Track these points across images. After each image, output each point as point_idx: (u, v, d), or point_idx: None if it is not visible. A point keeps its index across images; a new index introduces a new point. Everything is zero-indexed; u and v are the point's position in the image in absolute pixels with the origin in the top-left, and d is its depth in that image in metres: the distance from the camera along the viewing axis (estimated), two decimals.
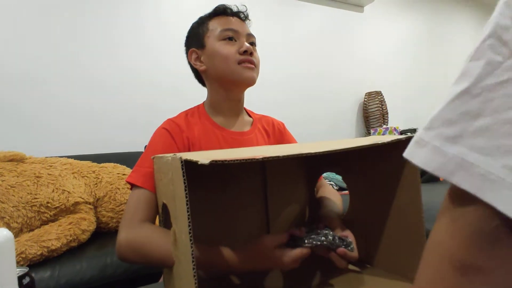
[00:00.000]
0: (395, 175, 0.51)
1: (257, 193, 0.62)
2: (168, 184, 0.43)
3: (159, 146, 0.63)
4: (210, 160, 0.34)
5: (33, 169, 1.13)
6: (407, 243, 0.49)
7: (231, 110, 0.73)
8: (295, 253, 0.46)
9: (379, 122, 2.71)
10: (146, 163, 0.60)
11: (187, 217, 0.36)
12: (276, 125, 0.80)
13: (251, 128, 0.75)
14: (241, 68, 0.68)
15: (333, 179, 1.76)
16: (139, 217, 0.55)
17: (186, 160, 0.36)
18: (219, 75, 0.70)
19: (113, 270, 0.89)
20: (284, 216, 0.64)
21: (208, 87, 0.74)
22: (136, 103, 1.88)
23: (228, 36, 0.70)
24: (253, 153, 0.38)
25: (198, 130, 0.68)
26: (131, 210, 0.56)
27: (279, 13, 2.54)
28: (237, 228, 0.58)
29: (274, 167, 0.63)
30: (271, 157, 0.37)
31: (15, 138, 1.55)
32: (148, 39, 1.96)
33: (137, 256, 0.52)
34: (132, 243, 0.53)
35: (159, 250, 0.49)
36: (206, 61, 0.71)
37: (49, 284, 0.83)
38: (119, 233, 0.54)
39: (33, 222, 1.02)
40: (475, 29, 4.09)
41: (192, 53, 0.73)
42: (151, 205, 0.57)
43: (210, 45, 0.70)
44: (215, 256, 0.48)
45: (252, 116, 0.79)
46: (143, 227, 0.54)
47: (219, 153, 0.43)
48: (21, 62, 1.62)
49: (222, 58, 0.68)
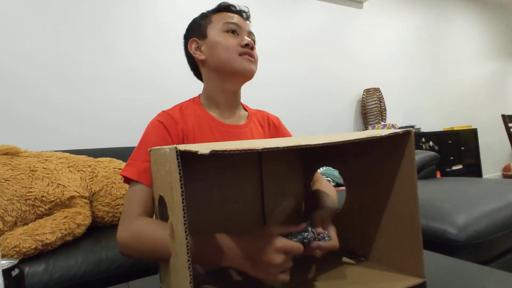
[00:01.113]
0: (392, 170, 0.50)
1: (253, 186, 0.61)
2: (166, 176, 0.43)
3: (152, 138, 0.62)
4: (210, 150, 0.33)
5: (28, 162, 1.12)
6: (403, 237, 0.49)
7: (227, 103, 0.73)
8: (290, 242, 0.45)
9: (377, 119, 2.72)
10: (140, 157, 0.60)
11: (182, 209, 0.35)
12: (271, 119, 0.80)
13: (247, 121, 0.75)
14: (241, 59, 0.69)
15: (330, 175, 1.77)
16: (136, 212, 0.55)
17: (185, 151, 0.36)
18: (219, 65, 0.69)
19: (108, 265, 0.89)
20: (280, 209, 0.64)
21: (205, 78, 0.74)
22: (134, 100, 1.87)
23: (230, 29, 0.70)
24: (252, 145, 0.38)
25: (193, 122, 0.67)
26: (128, 205, 0.56)
27: (277, 8, 2.53)
28: (233, 221, 0.58)
29: (271, 160, 0.63)
30: (271, 148, 0.36)
31: (11, 135, 1.53)
32: (144, 35, 1.94)
33: (135, 251, 0.52)
34: (129, 238, 0.52)
35: (156, 243, 0.48)
36: (207, 50, 0.71)
37: (43, 278, 0.83)
38: (118, 229, 0.54)
39: (28, 215, 1.01)
40: (474, 26, 4.10)
41: (193, 42, 0.73)
42: (148, 200, 0.57)
43: (212, 35, 0.70)
44: (211, 246, 0.47)
45: (248, 110, 0.79)
46: (139, 221, 0.54)
47: (218, 144, 0.43)
48: (16, 61, 1.59)
49: (223, 48, 0.68)
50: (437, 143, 2.98)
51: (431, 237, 0.92)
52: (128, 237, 0.52)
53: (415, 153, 1.80)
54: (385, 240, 0.53)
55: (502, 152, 4.14)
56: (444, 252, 0.59)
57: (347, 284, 0.48)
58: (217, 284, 0.51)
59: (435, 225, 0.93)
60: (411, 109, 3.28)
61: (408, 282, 0.45)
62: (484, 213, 0.97)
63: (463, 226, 0.90)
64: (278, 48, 2.48)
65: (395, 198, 0.51)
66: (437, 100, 3.54)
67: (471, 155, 3.29)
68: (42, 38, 1.66)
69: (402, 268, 0.49)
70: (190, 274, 0.33)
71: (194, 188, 0.55)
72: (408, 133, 0.48)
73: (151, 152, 0.51)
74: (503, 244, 0.97)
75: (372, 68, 3.02)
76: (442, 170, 2.96)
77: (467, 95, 3.89)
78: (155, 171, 0.49)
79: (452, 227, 0.90)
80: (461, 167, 3.13)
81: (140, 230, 0.52)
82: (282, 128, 0.81)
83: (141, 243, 0.51)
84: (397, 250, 0.50)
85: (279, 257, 0.43)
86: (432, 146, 2.94)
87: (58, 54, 1.69)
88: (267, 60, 2.33)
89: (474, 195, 1.14)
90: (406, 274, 0.48)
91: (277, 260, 0.43)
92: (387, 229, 0.52)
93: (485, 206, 1.01)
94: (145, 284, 0.57)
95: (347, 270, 0.52)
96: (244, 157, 0.61)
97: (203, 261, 0.47)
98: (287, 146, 0.37)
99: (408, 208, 0.48)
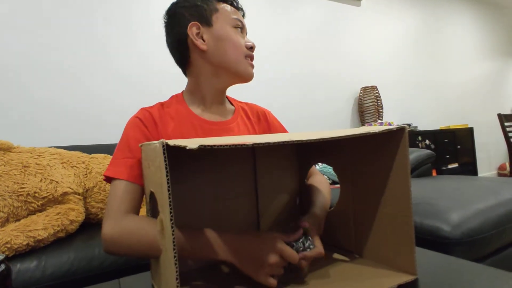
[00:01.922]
0: (385, 166, 0.50)
1: (247, 182, 0.61)
2: (156, 172, 0.42)
3: (131, 134, 0.60)
4: (199, 145, 0.33)
5: (21, 158, 1.10)
6: (396, 234, 0.49)
7: (213, 99, 0.70)
8: (285, 246, 0.45)
9: (374, 117, 2.72)
10: (121, 154, 0.58)
11: (169, 204, 0.35)
12: (261, 114, 0.77)
13: (233, 116, 0.71)
14: (247, 63, 0.67)
15: (326, 172, 1.77)
16: (122, 209, 0.53)
17: (175, 146, 0.35)
18: (222, 61, 0.66)
19: (100, 262, 0.88)
20: (274, 205, 0.63)
21: (196, 70, 0.68)
22: (129, 97, 1.86)
23: (239, 26, 0.67)
24: (243, 140, 0.38)
25: (173, 120, 0.64)
26: (113, 202, 0.54)
27: (274, 5, 2.51)
28: (227, 217, 0.58)
29: (264, 156, 0.62)
30: (261, 143, 0.36)
31: (3, 132, 1.51)
32: (137, 34, 1.92)
33: (124, 248, 0.51)
34: (118, 236, 0.51)
35: (146, 240, 0.47)
36: (210, 42, 0.65)
37: (34, 275, 0.82)
38: (103, 227, 0.52)
39: (20, 212, 1.00)
40: (471, 25, 4.10)
41: (193, 26, 0.65)
42: (134, 196, 0.55)
43: (220, 26, 0.65)
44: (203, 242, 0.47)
45: (234, 104, 0.75)
46: (128, 218, 0.53)
47: (207, 140, 0.42)
48: (9, 59, 1.57)
49: (233, 45, 0.65)
50: (434, 141, 2.99)
51: (425, 235, 0.92)
52: (117, 234, 0.51)
53: (411, 151, 1.79)
54: (378, 237, 0.53)
55: (498, 151, 4.17)
56: (438, 250, 0.59)
57: (339, 280, 0.47)
58: (208, 280, 0.51)
59: (429, 223, 0.93)
60: (408, 108, 3.29)
61: (400, 279, 0.45)
62: (478, 211, 0.97)
63: (457, 224, 0.90)
64: (274, 46, 2.46)
65: (389, 195, 0.50)
66: (433, 98, 3.55)
67: (467, 154, 3.30)
68: (33, 36, 1.64)
69: (394, 265, 0.49)
70: (176, 270, 0.33)
71: (187, 185, 0.55)
72: (402, 130, 0.48)
73: (142, 147, 0.50)
74: (497, 241, 0.97)
75: (370, 66, 3.02)
76: (438, 168, 2.98)
77: (463, 94, 3.90)
78: (146, 167, 0.49)
79: (446, 224, 0.90)
80: (457, 165, 3.14)
81: (131, 227, 0.51)
82: (274, 122, 0.78)
83: (133, 239, 0.50)
84: (390, 247, 0.50)
85: (274, 257, 0.44)
86: (428, 144, 2.95)
87: (52, 52, 1.67)
88: (263, 58, 2.32)
89: (468, 193, 1.14)
90: (398, 271, 0.48)
91: (272, 260, 0.43)
92: (380, 226, 0.52)
93: (479, 204, 1.02)
94: (136, 280, 0.57)
95: (340, 267, 0.52)
96: (238, 154, 0.60)
97: (197, 254, 0.47)
98: (278, 142, 0.37)
99: (401, 205, 0.48)
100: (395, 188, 0.49)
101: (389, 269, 0.50)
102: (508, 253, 1.03)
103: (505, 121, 3.00)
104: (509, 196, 1.10)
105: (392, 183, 0.50)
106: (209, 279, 0.52)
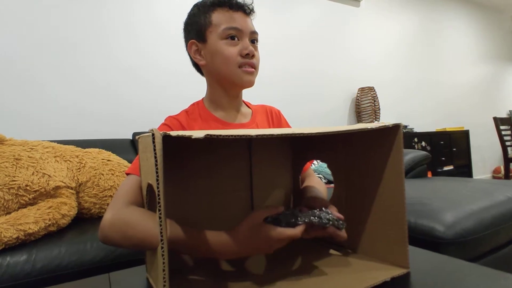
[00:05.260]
0: (380, 162, 0.50)
1: (242, 177, 0.61)
2: (154, 164, 0.42)
3: None
4: (205, 134, 0.33)
5: (13, 151, 1.09)
6: (389, 229, 0.50)
7: (230, 104, 0.74)
8: (284, 231, 0.44)
9: (371, 118, 2.73)
10: None
11: (157, 195, 0.35)
12: (274, 113, 0.83)
13: (251, 119, 0.76)
14: (241, 72, 0.67)
15: (322, 172, 1.77)
16: (126, 199, 0.54)
17: (178, 136, 0.35)
18: (218, 74, 0.69)
19: (92, 256, 0.87)
20: (269, 201, 0.63)
21: (207, 82, 0.74)
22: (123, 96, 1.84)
23: (231, 35, 0.67)
24: (246, 132, 0.38)
25: (199, 127, 0.68)
26: (120, 193, 0.55)
27: (273, 5, 2.51)
28: (222, 212, 0.58)
29: (260, 151, 0.62)
30: (264, 135, 0.37)
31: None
32: (138, 30, 1.91)
33: (121, 236, 0.50)
34: (116, 223, 0.50)
35: (142, 230, 0.47)
36: (207, 56, 0.69)
37: (24, 268, 0.80)
38: (105, 214, 0.52)
39: (11, 205, 0.98)
40: (469, 28, 4.13)
41: (192, 45, 0.71)
42: (141, 191, 0.55)
43: (212, 41, 0.68)
44: (199, 239, 0.47)
45: (251, 107, 0.80)
46: (129, 208, 0.52)
47: (211, 131, 0.42)
48: (5, 51, 1.55)
49: (223, 59, 0.67)
50: (429, 143, 3.01)
51: (419, 235, 0.92)
52: (115, 221, 0.50)
53: (408, 152, 1.79)
54: (372, 232, 0.53)
55: (493, 154, 4.20)
56: (432, 249, 0.59)
57: (332, 274, 0.48)
58: (203, 275, 0.51)
59: (423, 223, 0.93)
60: (405, 109, 3.30)
61: (393, 272, 0.46)
62: (472, 211, 0.98)
63: (450, 224, 0.90)
64: (272, 45, 2.46)
65: (382, 190, 0.51)
66: (430, 100, 3.57)
67: (462, 156, 3.32)
68: (29, 28, 1.62)
69: (388, 259, 0.50)
70: (163, 262, 0.32)
71: (183, 178, 0.54)
72: (396, 127, 0.48)
73: (140, 139, 0.49)
74: (490, 242, 0.98)
75: (367, 67, 3.03)
76: (433, 170, 2.99)
77: (460, 97, 3.93)
78: (144, 159, 0.48)
79: (439, 224, 0.90)
80: (452, 167, 3.16)
81: (129, 216, 0.51)
82: (284, 121, 0.83)
83: (128, 227, 0.49)
84: (383, 241, 0.51)
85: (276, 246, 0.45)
86: (424, 146, 2.96)
87: (49, 45, 1.65)
88: (263, 58, 2.32)
89: (463, 194, 1.14)
90: (391, 265, 0.49)
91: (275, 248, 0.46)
92: (374, 221, 0.52)
93: (473, 204, 1.02)
94: (126, 275, 0.56)
95: (333, 262, 0.52)
96: (233, 149, 0.60)
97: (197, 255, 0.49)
98: (280, 134, 0.39)
99: (395, 201, 0.48)
100: (389, 184, 0.50)
101: (383, 263, 0.50)
102: (501, 254, 1.04)
103: (500, 124, 3.02)
104: (503, 197, 1.10)
105: (386, 179, 0.50)
106: (204, 273, 0.51)
